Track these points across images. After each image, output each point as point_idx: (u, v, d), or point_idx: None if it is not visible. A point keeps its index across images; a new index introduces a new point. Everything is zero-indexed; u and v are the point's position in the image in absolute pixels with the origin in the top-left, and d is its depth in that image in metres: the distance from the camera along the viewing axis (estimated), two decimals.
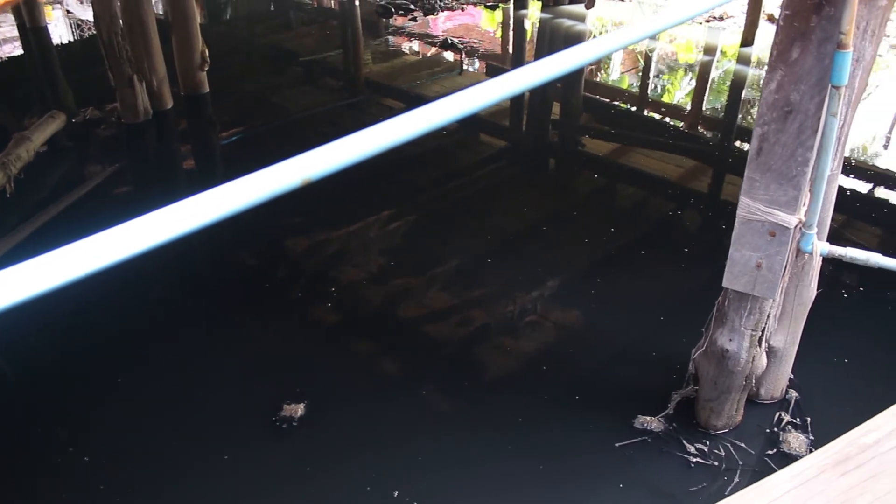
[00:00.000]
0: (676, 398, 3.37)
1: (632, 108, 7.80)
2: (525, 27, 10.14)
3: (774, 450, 3.25)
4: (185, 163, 6.62)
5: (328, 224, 5.08)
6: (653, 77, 8.59)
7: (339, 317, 4.19)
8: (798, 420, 3.40)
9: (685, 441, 3.25)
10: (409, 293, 4.37)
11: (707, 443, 3.25)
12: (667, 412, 3.36)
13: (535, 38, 9.73)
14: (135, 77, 6.27)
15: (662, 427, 3.32)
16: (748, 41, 8.40)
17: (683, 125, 7.30)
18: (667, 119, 7.43)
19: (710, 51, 9.07)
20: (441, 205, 5.51)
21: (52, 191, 5.48)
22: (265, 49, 9.34)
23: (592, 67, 8.78)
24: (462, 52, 9.05)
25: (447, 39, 9.28)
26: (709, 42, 9.30)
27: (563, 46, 1.43)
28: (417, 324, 4.14)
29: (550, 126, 7.44)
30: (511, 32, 10.16)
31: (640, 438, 3.27)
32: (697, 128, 7.34)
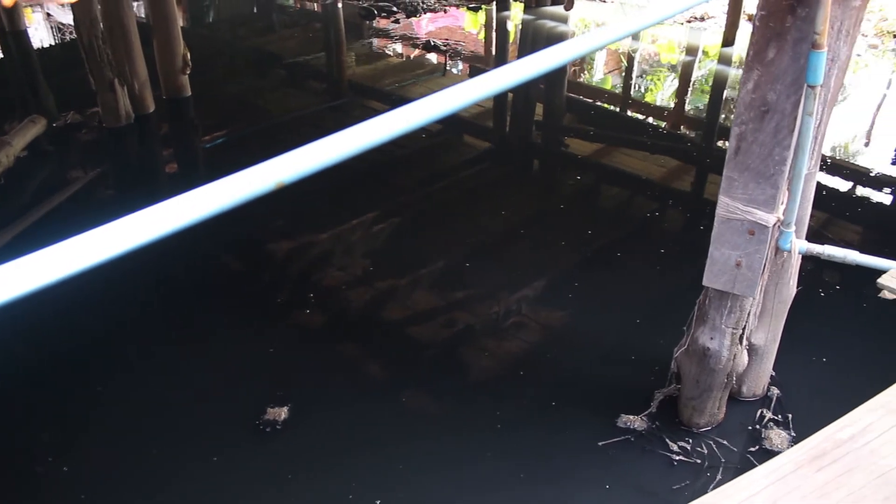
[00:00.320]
0: (659, 397, 3.39)
1: (615, 109, 7.84)
2: (508, 28, 10.17)
3: (757, 447, 3.27)
4: (168, 167, 6.59)
5: (312, 227, 5.07)
6: (636, 77, 8.63)
7: (323, 320, 4.18)
8: (780, 417, 3.42)
9: (668, 439, 3.27)
10: (393, 295, 4.37)
11: (690, 441, 3.27)
12: (650, 411, 3.37)
13: (518, 40, 9.75)
14: (116, 81, 6.24)
15: (645, 426, 3.33)
16: (729, 41, 8.46)
17: (666, 125, 7.35)
18: (649, 119, 7.47)
19: (692, 51, 9.13)
20: (425, 206, 5.51)
21: (33, 196, 5.44)
22: (248, 52, 9.32)
23: (576, 68, 8.81)
24: (445, 54, 9.06)
25: (430, 41, 9.29)
26: (690, 42, 9.36)
27: (546, 48, 1.44)
28: (401, 326, 4.14)
29: (534, 127, 7.47)
30: (494, 34, 10.19)
31: (624, 437, 3.28)
32: (680, 128, 7.39)
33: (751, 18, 9.06)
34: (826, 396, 3.54)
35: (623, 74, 8.74)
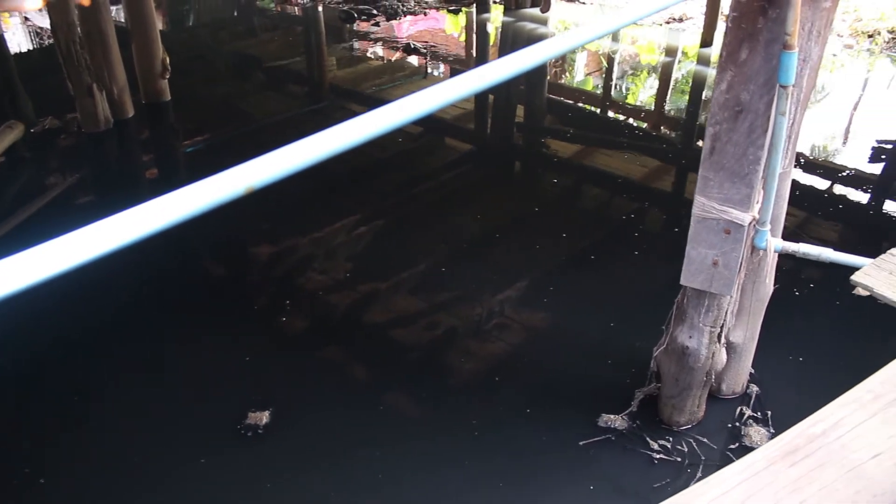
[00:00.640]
0: (640, 396, 3.41)
1: (595, 110, 7.88)
2: (488, 31, 10.20)
3: (736, 444, 3.30)
4: (148, 172, 6.55)
5: (294, 230, 5.06)
6: (616, 79, 8.68)
7: (303, 324, 4.18)
8: (759, 414, 3.45)
9: (648, 438, 3.29)
10: (375, 299, 4.37)
11: (670, 439, 3.30)
12: (630, 410, 3.39)
13: (499, 41, 9.78)
14: (94, 85, 6.20)
15: (626, 425, 3.35)
16: (707, 42, 8.52)
17: (647, 125, 7.40)
18: (630, 120, 7.52)
19: (671, 52, 9.19)
20: (407, 209, 5.52)
21: (11, 202, 5.39)
22: (228, 55, 9.29)
23: (556, 70, 8.85)
24: (426, 56, 9.07)
25: (410, 44, 9.30)
26: (669, 43, 9.42)
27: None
28: (382, 329, 4.14)
29: (515, 129, 7.49)
30: (474, 36, 10.21)
31: (604, 437, 3.30)
32: (660, 128, 7.44)
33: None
34: (804, 392, 3.57)
35: (603, 76, 8.79)
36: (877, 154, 6.34)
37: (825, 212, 5.36)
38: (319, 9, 10.62)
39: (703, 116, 7.28)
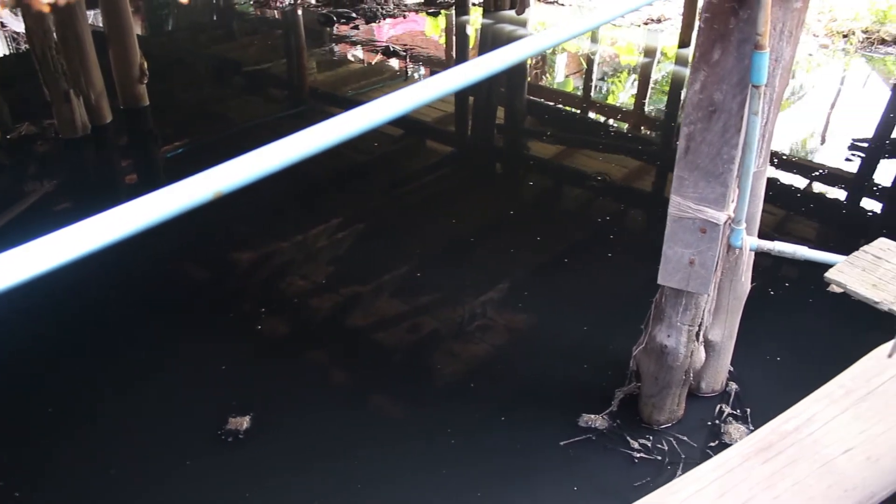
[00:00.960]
0: (619, 395, 3.43)
1: (575, 111, 7.91)
2: (468, 33, 10.22)
3: (716, 441, 3.32)
4: (126, 178, 6.51)
5: (275, 234, 5.04)
6: (596, 80, 8.72)
7: (284, 328, 4.16)
8: (738, 411, 3.48)
9: (629, 437, 3.30)
10: (354, 302, 4.36)
11: (650, 438, 3.31)
12: (610, 409, 3.41)
13: (478, 43, 9.80)
14: (71, 91, 6.15)
15: (607, 424, 3.37)
16: (685, 42, 8.58)
17: (627, 126, 7.43)
18: (610, 121, 7.55)
19: (650, 52, 9.25)
20: (388, 212, 5.51)
21: None
22: (208, 60, 9.25)
23: (537, 71, 8.88)
24: (406, 59, 9.07)
25: (389, 47, 9.30)
26: (648, 44, 9.48)
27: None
28: (364, 332, 4.14)
29: (495, 130, 7.51)
30: (454, 38, 10.23)
31: (585, 436, 3.31)
32: (640, 128, 7.48)
33: None
34: (783, 389, 3.60)
35: (583, 77, 8.83)
36: (853, 152, 6.40)
37: (804, 210, 5.41)
38: (299, 12, 10.61)
39: (682, 116, 7.32)
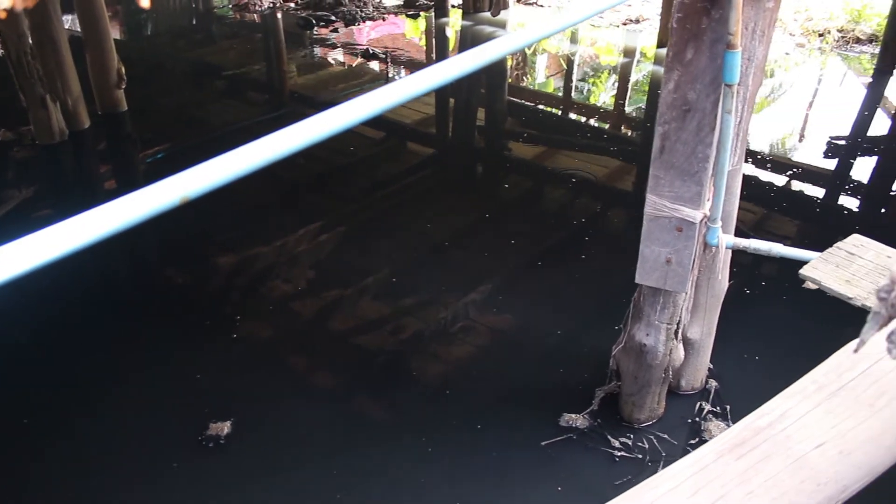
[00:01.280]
0: (600, 394, 3.44)
1: (556, 112, 7.93)
2: (447, 35, 10.22)
3: (696, 439, 3.34)
4: (105, 183, 6.46)
5: (255, 238, 5.02)
6: (576, 80, 8.75)
7: (266, 332, 4.14)
8: (718, 409, 3.50)
9: (610, 436, 3.32)
10: (337, 305, 4.35)
11: (631, 436, 3.33)
12: (591, 409, 3.42)
13: (458, 45, 9.81)
14: (47, 97, 6.10)
15: (587, 424, 3.38)
16: (664, 42, 8.63)
17: (608, 126, 7.47)
18: (591, 121, 7.58)
19: (630, 53, 9.30)
20: (370, 215, 5.50)
21: None
22: (187, 64, 9.20)
23: (518, 72, 8.90)
24: (387, 62, 9.06)
25: (368, 49, 9.28)
26: (627, 45, 9.53)
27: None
28: (344, 336, 4.13)
29: (476, 132, 7.51)
30: (434, 40, 10.23)
31: (566, 436, 3.32)
32: (620, 128, 7.51)
33: None
34: (762, 385, 3.60)
35: (564, 77, 8.86)
36: (831, 150, 6.46)
37: (782, 208, 5.45)
38: (278, 16, 10.57)
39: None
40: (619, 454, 3.24)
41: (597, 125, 7.47)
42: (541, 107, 7.98)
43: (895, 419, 1.69)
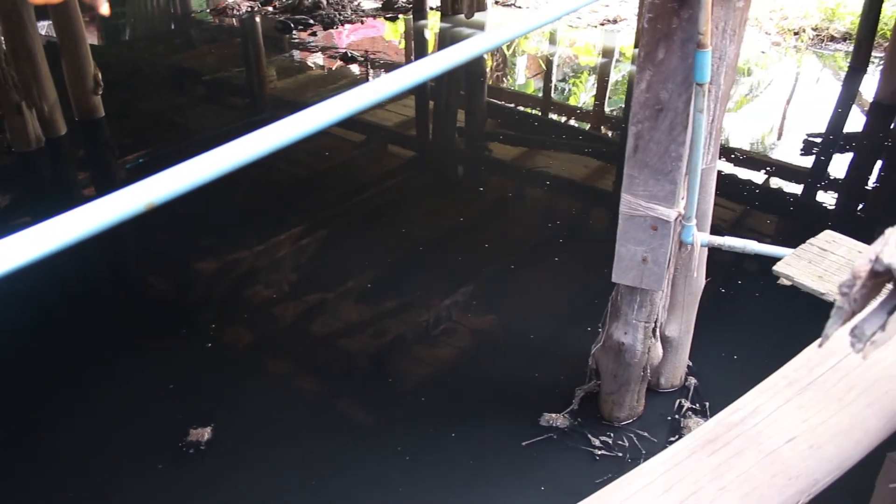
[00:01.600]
0: (580, 394, 3.45)
1: (536, 112, 7.96)
2: (426, 37, 10.23)
3: (676, 436, 3.36)
4: (83, 191, 6.41)
5: (235, 243, 4.99)
6: (556, 81, 8.78)
7: (247, 337, 4.13)
8: (698, 405, 3.52)
9: (590, 435, 3.33)
10: (317, 310, 4.34)
11: (611, 435, 3.34)
12: (571, 408, 3.43)
13: (437, 47, 9.82)
14: (23, 104, 6.04)
15: (568, 423, 3.39)
16: None
17: (587, 126, 7.50)
18: (571, 121, 7.61)
19: (608, 53, 9.34)
20: (351, 218, 5.50)
21: None
22: (165, 69, 9.14)
23: (498, 73, 8.92)
24: (366, 64, 9.06)
25: (348, 53, 9.27)
26: (606, 45, 9.58)
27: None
28: (325, 339, 4.12)
29: (456, 134, 7.52)
30: (413, 42, 10.24)
31: (546, 436, 3.33)
32: (599, 128, 7.55)
33: None
34: (740, 381, 3.61)
35: (543, 78, 8.89)
36: (807, 147, 6.53)
37: (760, 205, 5.50)
38: (257, 20, 10.54)
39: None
40: (600, 453, 3.25)
41: (576, 125, 7.50)
42: (520, 108, 8.00)
43: (864, 413, 1.71)
